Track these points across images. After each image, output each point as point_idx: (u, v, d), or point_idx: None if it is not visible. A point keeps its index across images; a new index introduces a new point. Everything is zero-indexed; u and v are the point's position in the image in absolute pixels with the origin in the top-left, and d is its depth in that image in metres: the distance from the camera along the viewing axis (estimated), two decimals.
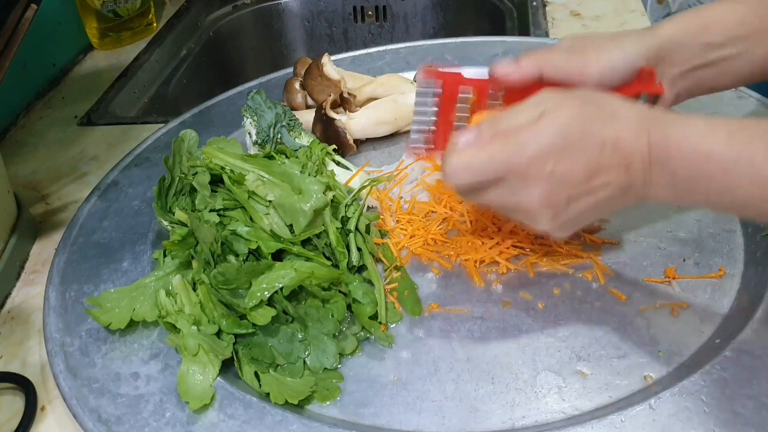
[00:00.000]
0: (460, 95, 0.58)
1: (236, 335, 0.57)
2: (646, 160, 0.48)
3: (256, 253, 0.61)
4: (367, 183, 0.69)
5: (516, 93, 0.56)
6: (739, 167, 0.45)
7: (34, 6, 0.69)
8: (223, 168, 0.65)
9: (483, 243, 0.65)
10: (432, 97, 0.58)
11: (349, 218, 0.65)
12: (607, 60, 0.56)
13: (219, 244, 0.59)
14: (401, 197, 0.71)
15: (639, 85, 0.56)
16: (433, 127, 0.58)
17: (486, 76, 0.58)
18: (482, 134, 0.50)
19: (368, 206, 0.71)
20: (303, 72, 0.87)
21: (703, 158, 0.46)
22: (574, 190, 0.49)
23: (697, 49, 0.56)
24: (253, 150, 0.77)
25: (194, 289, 0.59)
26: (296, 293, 0.58)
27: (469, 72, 0.59)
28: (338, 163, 0.74)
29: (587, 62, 0.56)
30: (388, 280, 0.64)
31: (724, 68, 0.57)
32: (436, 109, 0.58)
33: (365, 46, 1.05)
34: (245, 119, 0.77)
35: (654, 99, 0.58)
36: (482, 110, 0.58)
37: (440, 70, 0.58)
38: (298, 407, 0.54)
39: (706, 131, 0.47)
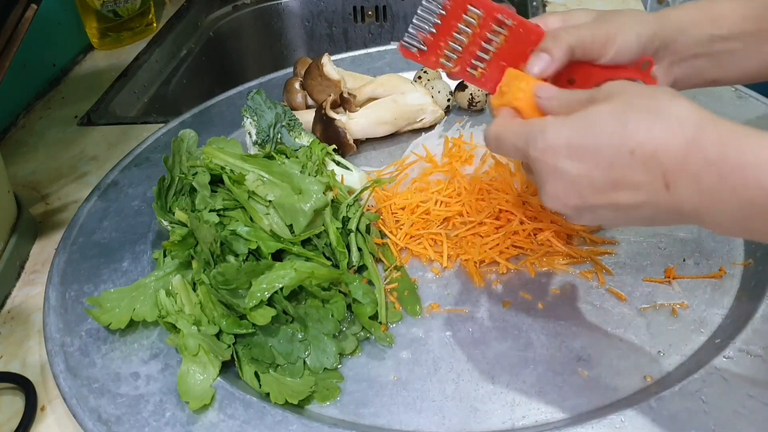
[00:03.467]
0: (468, 10, 0.55)
1: (236, 335, 0.57)
2: (702, 180, 0.39)
3: (256, 253, 0.61)
4: (369, 184, 0.69)
5: (523, 33, 0.55)
6: None
7: (34, 6, 0.69)
8: (223, 168, 0.65)
9: (483, 243, 0.65)
10: (441, 0, 0.55)
11: (350, 218, 0.65)
12: (625, 37, 0.52)
13: (219, 244, 0.59)
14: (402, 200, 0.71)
15: (634, 71, 0.55)
16: (432, 30, 0.55)
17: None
18: (551, 105, 0.48)
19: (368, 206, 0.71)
20: (303, 72, 0.87)
21: None
22: (594, 198, 0.44)
23: (702, 38, 0.55)
24: (253, 150, 0.77)
25: (194, 289, 0.59)
26: (296, 293, 0.58)
27: None
28: (338, 163, 0.74)
29: (608, 40, 0.52)
30: (388, 280, 0.64)
31: (728, 62, 0.56)
32: (442, 12, 0.55)
33: (365, 46, 1.05)
34: (245, 119, 0.77)
35: None
36: (483, 33, 0.55)
37: None
38: (298, 407, 0.54)
39: None
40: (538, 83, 0.51)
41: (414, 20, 0.56)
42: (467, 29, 0.55)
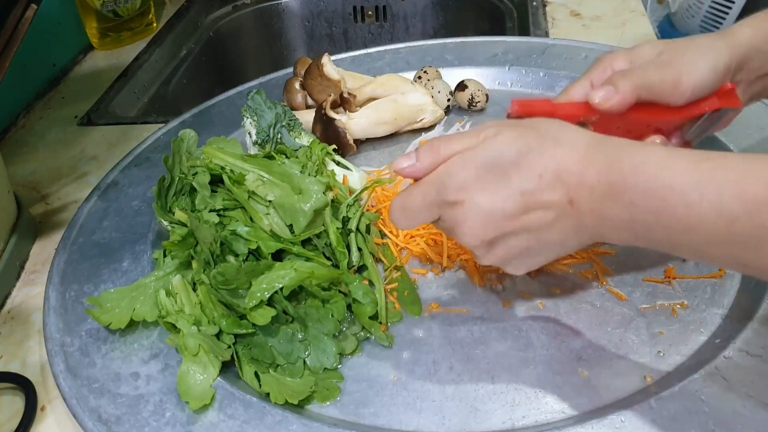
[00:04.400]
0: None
1: (236, 335, 0.57)
2: (596, 194, 0.43)
3: (256, 253, 0.61)
4: (369, 184, 0.69)
5: (606, 122, 0.53)
6: (704, 201, 0.39)
7: (34, 6, 0.69)
8: (223, 168, 0.65)
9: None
10: None
11: (350, 218, 0.65)
12: (698, 75, 0.51)
13: (219, 244, 0.59)
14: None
15: (719, 100, 0.53)
16: None
17: (575, 99, 0.54)
18: (418, 162, 0.49)
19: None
20: (303, 72, 0.87)
21: (664, 189, 0.40)
22: (506, 224, 0.46)
23: None
24: (253, 150, 0.77)
25: (194, 289, 0.59)
26: (296, 293, 0.58)
27: (562, 98, 0.55)
28: (338, 163, 0.74)
29: (680, 79, 0.51)
30: (388, 280, 0.64)
31: None
32: None
33: (365, 46, 1.05)
34: (245, 119, 0.78)
35: (732, 114, 0.55)
36: None
37: (530, 101, 0.53)
38: (298, 407, 0.54)
39: (667, 160, 0.41)
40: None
41: None
42: None
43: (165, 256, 0.64)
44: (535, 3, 1.14)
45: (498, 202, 0.45)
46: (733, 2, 1.43)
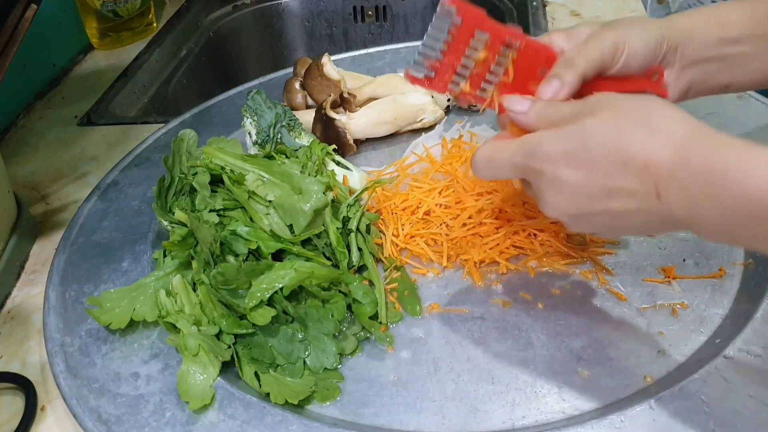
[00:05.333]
0: (475, 35, 0.55)
1: (236, 335, 0.57)
2: (690, 191, 0.41)
3: (256, 253, 0.61)
4: (370, 185, 0.69)
5: (531, 54, 0.54)
6: None
7: (34, 6, 0.69)
8: (223, 168, 0.65)
9: (483, 243, 0.65)
10: (448, 26, 0.54)
11: (350, 218, 0.65)
12: (632, 47, 0.52)
13: (219, 244, 0.59)
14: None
15: (646, 82, 0.55)
16: (439, 57, 0.55)
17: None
18: (533, 109, 0.49)
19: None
20: (303, 72, 0.87)
21: (766, 193, 0.38)
22: (588, 205, 0.46)
23: (712, 42, 0.54)
24: (253, 150, 0.77)
25: (194, 289, 0.59)
26: (296, 293, 0.58)
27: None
28: (338, 163, 0.74)
29: (616, 50, 0.52)
30: (388, 280, 0.64)
31: (739, 66, 0.56)
32: (449, 39, 0.54)
33: (365, 46, 1.05)
34: (245, 119, 0.77)
35: None
36: (491, 56, 0.54)
37: (465, 1, 0.55)
38: (298, 407, 0.54)
39: None
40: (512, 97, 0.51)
41: (420, 47, 0.55)
42: (475, 52, 0.55)
43: (165, 256, 0.64)
44: (535, 3, 1.14)
45: (580, 182, 0.45)
46: None
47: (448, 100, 0.85)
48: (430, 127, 0.84)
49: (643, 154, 0.42)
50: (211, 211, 0.63)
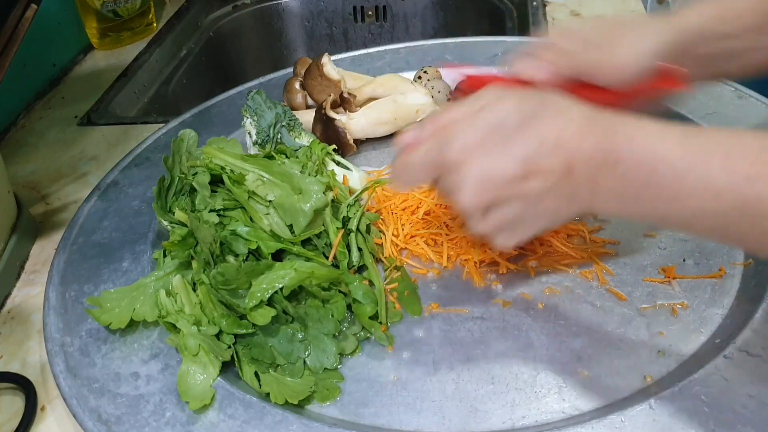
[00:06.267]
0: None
1: (236, 335, 0.56)
2: (592, 163, 0.44)
3: (256, 253, 0.61)
4: (370, 185, 0.69)
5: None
6: (692, 173, 0.41)
7: (34, 6, 0.69)
8: (223, 168, 0.65)
9: (483, 243, 0.65)
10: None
11: (350, 218, 0.65)
12: (635, 56, 0.53)
13: (218, 244, 0.59)
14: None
15: (661, 82, 0.55)
16: None
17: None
18: (423, 130, 0.49)
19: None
20: (303, 72, 0.87)
21: (656, 161, 0.42)
22: (504, 189, 0.45)
23: (714, 39, 0.54)
24: (253, 150, 0.77)
25: (194, 289, 0.59)
26: (296, 293, 0.58)
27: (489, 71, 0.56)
28: (338, 163, 0.74)
29: (617, 58, 0.53)
30: (388, 280, 0.64)
31: (737, 58, 0.56)
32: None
33: (365, 46, 1.05)
34: (245, 119, 0.77)
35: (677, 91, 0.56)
36: None
37: (480, 75, 0.55)
38: (298, 407, 0.54)
39: (659, 133, 0.43)
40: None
41: None
42: None
43: (165, 256, 0.64)
44: (535, 3, 1.14)
45: (499, 165, 0.45)
46: None
47: (448, 100, 0.85)
48: None
49: (555, 131, 0.44)
50: (211, 211, 0.63)
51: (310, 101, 0.88)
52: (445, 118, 0.49)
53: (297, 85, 0.88)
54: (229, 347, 0.56)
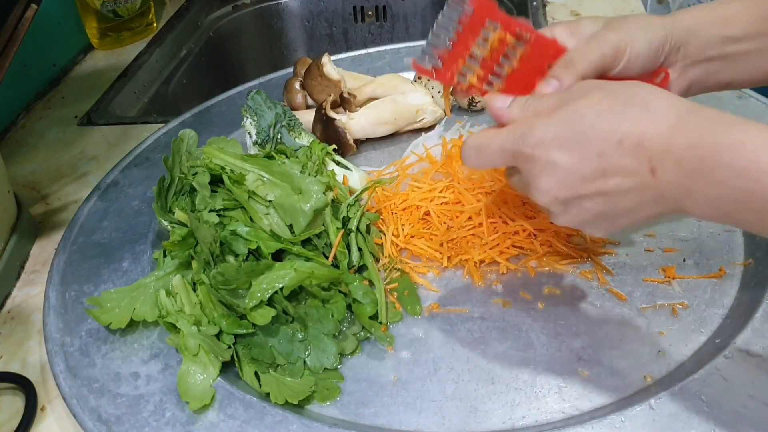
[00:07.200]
0: (486, 26, 0.53)
1: (236, 335, 0.57)
2: (683, 164, 0.41)
3: (256, 253, 0.61)
4: (370, 185, 0.69)
5: (539, 48, 0.54)
6: None
7: (34, 6, 0.69)
8: (223, 168, 0.65)
9: (483, 243, 0.65)
10: (459, 15, 0.53)
11: (350, 218, 0.65)
12: (635, 46, 0.52)
13: (218, 244, 0.59)
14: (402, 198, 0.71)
15: (649, 83, 0.54)
16: (448, 46, 0.54)
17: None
18: (511, 107, 0.50)
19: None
20: (303, 72, 0.87)
21: (761, 173, 0.39)
22: (582, 187, 0.45)
23: (715, 40, 0.54)
24: (253, 150, 0.77)
25: (194, 289, 0.59)
26: (296, 293, 0.58)
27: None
28: (338, 163, 0.74)
29: (619, 48, 0.52)
30: (388, 280, 0.64)
31: (741, 63, 0.55)
32: (459, 28, 0.53)
33: (365, 46, 1.05)
34: (245, 119, 0.77)
35: None
36: (501, 48, 0.54)
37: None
38: (298, 407, 0.54)
39: (766, 141, 0.39)
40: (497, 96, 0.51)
41: (429, 36, 0.54)
42: (485, 43, 0.54)
43: (165, 256, 0.64)
44: (535, 3, 1.14)
45: (575, 163, 0.45)
46: None
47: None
48: (430, 127, 0.84)
49: (638, 131, 0.42)
50: (211, 211, 0.63)
51: (310, 101, 0.88)
52: (531, 107, 0.48)
53: (297, 85, 0.88)
54: (229, 347, 0.56)
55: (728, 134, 0.40)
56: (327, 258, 0.62)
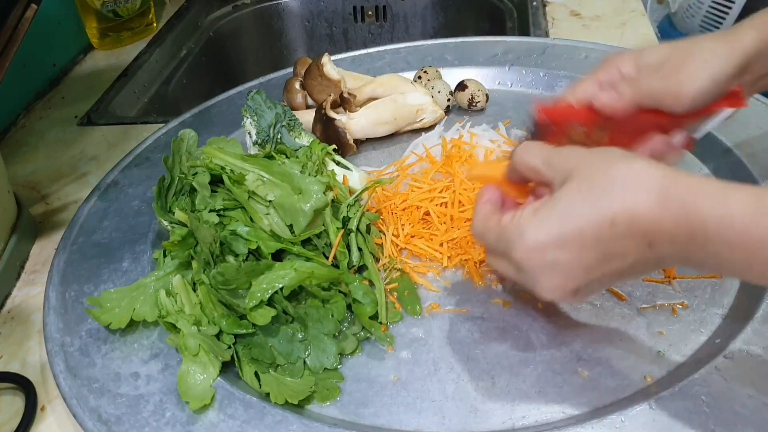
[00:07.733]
0: (571, 130, 0.56)
1: (236, 335, 0.57)
2: (677, 240, 0.42)
3: (256, 253, 0.61)
4: (370, 185, 0.69)
5: (619, 124, 0.55)
6: None
7: (34, 6, 0.69)
8: (223, 168, 0.65)
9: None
10: (545, 132, 0.56)
11: (350, 218, 0.65)
12: (699, 86, 0.52)
13: (218, 244, 0.59)
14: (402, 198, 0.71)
15: (725, 100, 0.54)
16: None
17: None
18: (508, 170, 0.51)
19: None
20: (303, 72, 0.87)
21: (755, 244, 0.40)
22: (588, 276, 0.45)
23: None
24: (253, 150, 0.77)
25: (194, 289, 0.59)
26: (296, 293, 0.58)
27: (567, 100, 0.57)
28: (338, 163, 0.74)
29: (681, 90, 0.52)
30: (388, 280, 0.64)
31: None
32: (548, 135, 0.56)
33: (365, 46, 1.05)
34: (245, 119, 0.77)
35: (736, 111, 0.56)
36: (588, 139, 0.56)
37: (553, 107, 0.55)
38: (298, 407, 0.54)
39: (754, 214, 0.40)
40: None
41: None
42: (575, 136, 0.56)
43: (165, 256, 0.64)
44: (535, 3, 1.14)
45: (574, 258, 0.44)
46: (733, 2, 1.43)
47: (448, 100, 0.85)
48: (430, 127, 0.84)
49: (627, 210, 0.42)
50: (211, 211, 0.63)
51: (310, 101, 0.88)
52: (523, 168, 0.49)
53: (297, 85, 0.88)
54: (229, 347, 0.56)
55: (713, 209, 0.40)
56: (327, 258, 0.62)
